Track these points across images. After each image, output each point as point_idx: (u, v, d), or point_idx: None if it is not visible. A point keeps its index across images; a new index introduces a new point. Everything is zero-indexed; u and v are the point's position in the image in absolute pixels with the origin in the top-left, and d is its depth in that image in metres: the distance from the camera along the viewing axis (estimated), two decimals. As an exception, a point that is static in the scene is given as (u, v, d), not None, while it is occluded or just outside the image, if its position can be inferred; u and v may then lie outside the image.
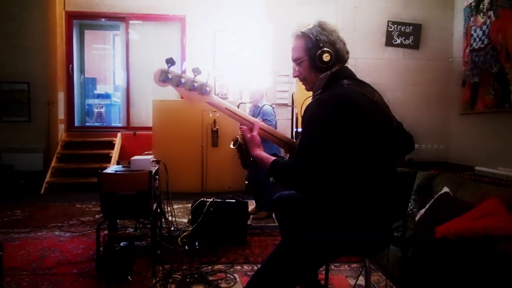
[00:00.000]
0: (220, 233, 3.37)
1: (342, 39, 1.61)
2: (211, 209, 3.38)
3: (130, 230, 3.58)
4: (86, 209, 4.68)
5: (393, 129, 1.59)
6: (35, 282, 2.59)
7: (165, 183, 3.18)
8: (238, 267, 2.90)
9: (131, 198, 2.67)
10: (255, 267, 2.85)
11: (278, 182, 1.51)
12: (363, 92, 1.50)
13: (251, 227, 3.82)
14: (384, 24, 5.72)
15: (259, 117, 4.16)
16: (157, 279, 2.64)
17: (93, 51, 9.54)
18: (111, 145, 6.40)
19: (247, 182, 4.89)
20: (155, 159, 3.17)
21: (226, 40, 6.53)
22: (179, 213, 4.37)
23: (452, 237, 2.25)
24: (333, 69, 1.56)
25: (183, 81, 1.59)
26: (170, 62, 1.54)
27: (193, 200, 3.52)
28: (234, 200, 3.49)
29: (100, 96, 9.12)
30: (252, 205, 4.47)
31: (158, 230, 3.23)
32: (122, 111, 7.06)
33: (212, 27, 6.51)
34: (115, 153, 6.30)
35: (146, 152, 3.48)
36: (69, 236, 3.60)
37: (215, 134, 3.92)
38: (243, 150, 1.86)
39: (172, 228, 3.41)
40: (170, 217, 3.37)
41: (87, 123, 7.94)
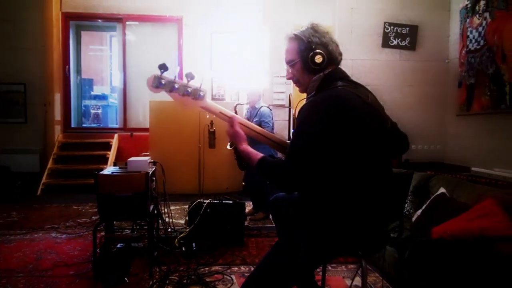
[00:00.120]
0: (217, 234, 3.37)
1: (335, 41, 1.62)
2: (208, 210, 3.38)
3: (127, 232, 3.57)
4: (83, 211, 4.67)
5: (388, 130, 1.59)
6: (31, 284, 2.58)
7: (162, 184, 3.18)
8: (235, 268, 2.90)
9: (128, 200, 2.66)
10: (252, 268, 2.85)
11: (266, 180, 1.51)
12: (357, 94, 1.50)
13: (248, 228, 3.82)
14: (381, 25, 5.74)
15: (256, 119, 4.17)
16: (154, 281, 2.63)
17: (90, 52, 9.53)
18: (108, 146, 6.39)
19: (244, 183, 4.90)
20: (152, 160, 3.16)
21: (223, 41, 6.54)
22: (176, 215, 4.36)
23: (449, 238, 2.26)
24: (326, 71, 1.57)
25: (177, 87, 1.59)
26: (163, 68, 1.54)
27: (190, 201, 3.52)
28: (231, 201, 3.49)
29: (97, 97, 9.11)
30: (249, 206, 4.47)
31: (155, 232, 3.22)
32: (119, 112, 7.05)
33: (209, 28, 6.51)
34: (112, 154, 6.29)
35: (143, 153, 3.48)
36: (66, 238, 3.59)
37: (212, 135, 3.91)
38: None
39: (169, 230, 3.41)
40: (167, 219, 3.37)
41: (84, 124, 7.93)
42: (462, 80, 5.21)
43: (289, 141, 1.57)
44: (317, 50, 1.55)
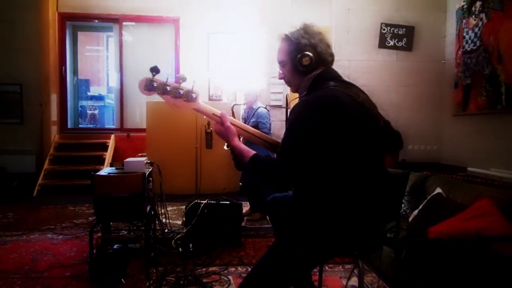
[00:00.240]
0: (214, 235, 3.36)
1: (326, 42, 1.62)
2: (205, 211, 3.37)
3: (124, 233, 3.56)
4: (79, 212, 4.65)
5: (380, 128, 1.60)
6: (28, 286, 2.57)
7: (159, 185, 3.17)
8: (233, 269, 2.90)
9: (125, 200, 2.66)
10: (250, 269, 2.85)
11: (258, 177, 1.52)
12: (348, 93, 1.51)
13: (246, 229, 3.82)
14: (377, 26, 5.75)
15: (254, 119, 4.17)
16: (151, 282, 2.63)
17: (87, 53, 9.52)
18: (105, 147, 6.36)
19: (241, 184, 4.90)
20: (149, 161, 3.16)
21: (220, 42, 6.53)
22: (173, 215, 4.36)
23: (445, 238, 2.27)
24: (318, 71, 1.58)
25: (169, 89, 1.59)
26: (155, 71, 1.54)
27: (187, 202, 3.51)
28: (228, 202, 3.49)
29: (94, 98, 9.09)
30: (247, 207, 4.47)
31: (152, 232, 3.22)
32: (116, 113, 7.03)
33: (206, 29, 6.50)
34: (109, 155, 6.26)
35: (140, 154, 3.47)
36: (62, 239, 3.58)
37: (209, 136, 3.89)
38: None
39: (166, 230, 3.40)
40: (164, 219, 3.36)
41: (81, 125, 7.90)
42: (458, 81, 5.23)
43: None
44: (305, 52, 1.56)
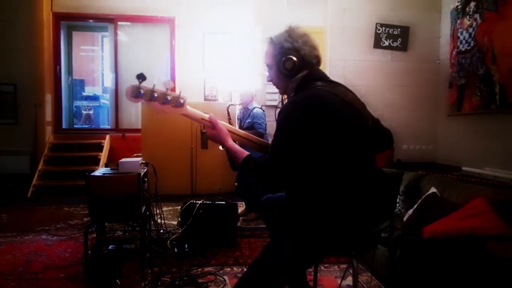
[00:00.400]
0: (210, 235, 3.36)
1: (311, 44, 1.62)
2: (201, 211, 3.37)
3: (119, 233, 3.55)
4: (74, 212, 4.63)
5: (369, 127, 1.60)
6: (22, 287, 2.55)
7: (154, 185, 3.16)
8: (228, 269, 2.89)
9: (120, 201, 2.64)
10: (245, 269, 2.85)
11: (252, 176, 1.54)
12: (336, 93, 1.51)
13: (241, 229, 3.81)
14: (373, 26, 5.78)
15: (249, 120, 4.17)
16: (146, 282, 2.62)
17: (81, 53, 9.47)
18: (100, 148, 6.34)
19: (237, 184, 4.89)
20: (144, 161, 3.15)
21: (216, 42, 6.53)
22: (169, 216, 4.34)
23: (440, 237, 2.28)
24: (303, 73, 1.59)
25: (156, 96, 1.58)
26: (141, 78, 1.53)
27: (183, 202, 3.51)
28: (224, 202, 3.48)
29: (88, 98, 9.04)
30: (242, 207, 4.46)
31: (147, 233, 3.21)
32: (111, 113, 7.01)
33: (202, 29, 6.50)
34: (104, 156, 6.24)
35: (135, 154, 3.46)
36: (57, 240, 3.56)
37: (204, 136, 3.88)
38: None
39: (161, 231, 3.39)
40: (159, 220, 3.35)
41: (75, 125, 7.87)
42: (453, 81, 5.26)
43: None
44: (289, 56, 1.57)
